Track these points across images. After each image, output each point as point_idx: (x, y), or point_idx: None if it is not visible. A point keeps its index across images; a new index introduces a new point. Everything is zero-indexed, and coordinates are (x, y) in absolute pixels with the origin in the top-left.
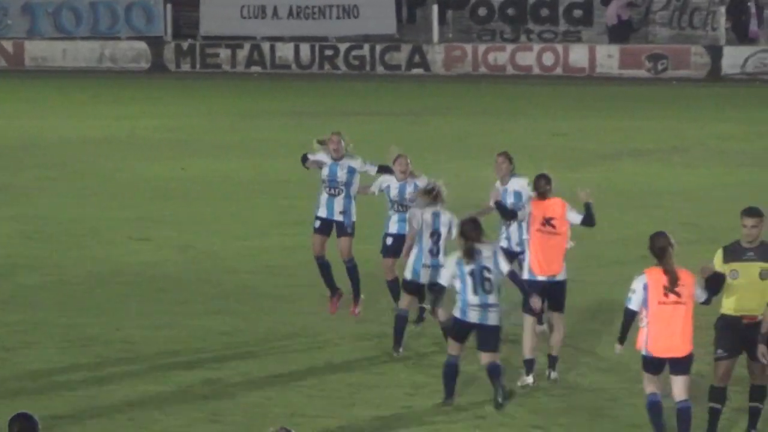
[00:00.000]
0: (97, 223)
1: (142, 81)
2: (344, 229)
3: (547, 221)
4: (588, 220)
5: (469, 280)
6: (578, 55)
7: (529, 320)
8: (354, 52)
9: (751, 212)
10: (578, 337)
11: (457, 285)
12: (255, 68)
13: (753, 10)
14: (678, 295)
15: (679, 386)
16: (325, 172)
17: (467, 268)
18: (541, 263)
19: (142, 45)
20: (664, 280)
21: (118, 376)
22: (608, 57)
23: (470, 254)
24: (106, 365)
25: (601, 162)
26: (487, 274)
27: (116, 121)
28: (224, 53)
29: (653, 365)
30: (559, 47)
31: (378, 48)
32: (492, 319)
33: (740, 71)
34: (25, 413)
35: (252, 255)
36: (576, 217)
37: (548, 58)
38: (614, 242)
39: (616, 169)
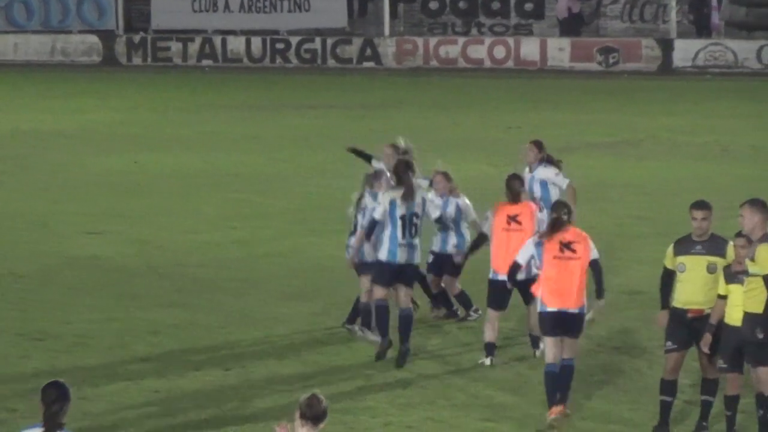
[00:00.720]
0: (48, 216)
1: (93, 74)
2: None
3: (512, 218)
4: None
5: (399, 223)
6: (529, 48)
7: (492, 314)
8: (305, 46)
9: (700, 205)
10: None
11: (387, 225)
12: (206, 62)
13: (714, 3)
14: (573, 251)
15: (567, 346)
16: None
17: (399, 212)
18: (507, 262)
19: (93, 39)
20: (559, 238)
21: (70, 369)
22: (559, 50)
23: (406, 196)
24: (57, 359)
25: (554, 155)
26: (415, 220)
27: (68, 115)
28: (176, 47)
29: (550, 322)
30: (511, 40)
31: (329, 41)
32: (416, 257)
33: (691, 64)
34: (57, 381)
35: (203, 248)
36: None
37: (499, 52)
38: None
39: (568, 162)
